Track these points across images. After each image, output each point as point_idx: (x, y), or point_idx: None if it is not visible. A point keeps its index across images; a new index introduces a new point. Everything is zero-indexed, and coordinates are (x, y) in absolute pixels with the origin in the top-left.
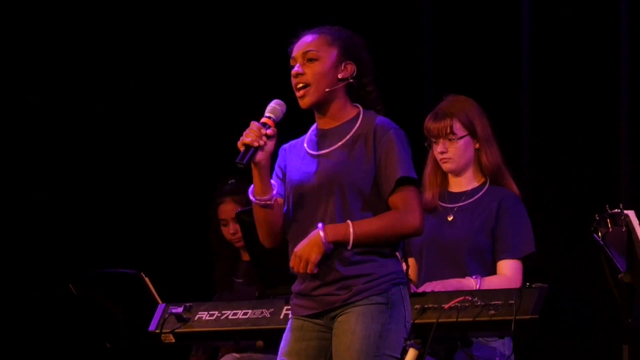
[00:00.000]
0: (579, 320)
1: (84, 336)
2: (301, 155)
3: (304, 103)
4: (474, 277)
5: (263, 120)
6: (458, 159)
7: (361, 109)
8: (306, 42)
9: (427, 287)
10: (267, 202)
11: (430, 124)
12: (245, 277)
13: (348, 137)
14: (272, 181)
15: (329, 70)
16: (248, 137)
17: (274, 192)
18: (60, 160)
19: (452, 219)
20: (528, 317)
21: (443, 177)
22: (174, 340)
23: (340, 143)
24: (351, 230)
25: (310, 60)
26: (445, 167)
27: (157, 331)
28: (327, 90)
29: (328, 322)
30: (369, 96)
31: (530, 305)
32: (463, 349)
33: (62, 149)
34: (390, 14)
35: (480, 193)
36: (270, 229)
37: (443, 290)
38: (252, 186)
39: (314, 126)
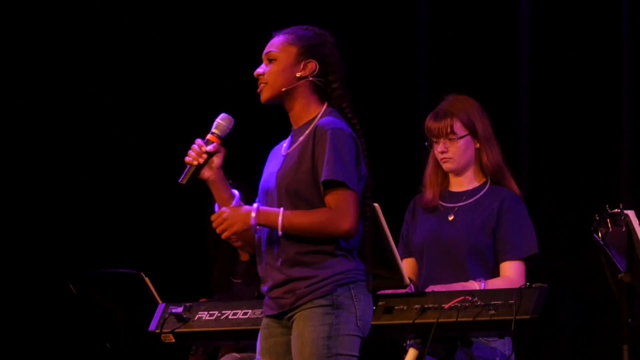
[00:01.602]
0: (579, 320)
1: (84, 336)
2: (276, 154)
3: (261, 99)
4: (477, 280)
5: (208, 136)
6: (459, 159)
7: (325, 107)
8: (269, 43)
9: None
10: None
11: (430, 123)
12: (243, 277)
13: (302, 137)
14: (233, 191)
15: (285, 68)
16: (188, 156)
17: (234, 203)
18: (60, 161)
19: (452, 219)
20: (528, 317)
21: (444, 176)
22: (174, 340)
23: (296, 144)
24: (280, 217)
25: (270, 60)
26: (446, 166)
27: (157, 331)
28: (283, 89)
29: (285, 323)
30: (334, 93)
31: (530, 305)
32: (463, 349)
33: (62, 149)
34: (386, 13)
35: (481, 193)
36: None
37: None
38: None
39: None
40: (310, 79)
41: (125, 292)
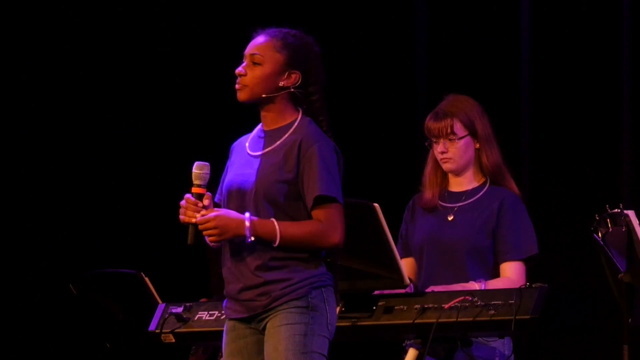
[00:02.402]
0: (579, 320)
1: (84, 336)
2: (242, 154)
3: (238, 97)
4: (477, 281)
5: (196, 190)
6: (458, 159)
7: (300, 114)
8: (256, 43)
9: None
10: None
11: (430, 123)
12: None
13: (279, 142)
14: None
15: (269, 76)
16: (186, 215)
17: (208, 204)
18: (60, 161)
19: (452, 219)
20: (528, 317)
21: (443, 176)
22: (174, 340)
23: (270, 148)
24: (277, 228)
25: (255, 63)
26: (446, 167)
27: (157, 331)
28: (263, 95)
29: (256, 325)
30: (312, 105)
31: (530, 305)
32: (463, 349)
33: (62, 149)
34: (385, 12)
35: (481, 193)
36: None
37: None
38: None
39: (260, 124)
40: (292, 89)
41: (125, 292)
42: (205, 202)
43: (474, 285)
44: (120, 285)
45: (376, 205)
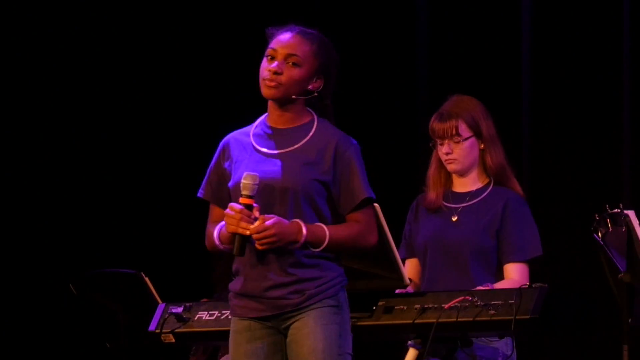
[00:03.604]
0: (579, 320)
1: (84, 336)
2: (248, 151)
3: (269, 93)
4: (484, 285)
5: (246, 201)
6: (463, 160)
7: (314, 115)
8: (292, 43)
9: None
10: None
11: (435, 124)
12: None
13: (303, 142)
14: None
15: (304, 79)
16: (239, 227)
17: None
18: (60, 161)
19: (456, 220)
20: (528, 317)
21: (447, 177)
22: (174, 340)
23: (295, 146)
24: (327, 234)
25: (294, 64)
26: (451, 168)
27: (157, 331)
28: (293, 96)
29: (277, 324)
30: (325, 109)
31: (530, 305)
32: (463, 349)
33: (62, 149)
34: (385, 12)
35: (485, 194)
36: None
37: None
38: (218, 231)
39: (261, 120)
40: (315, 94)
41: (125, 292)
42: (256, 213)
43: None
44: (120, 285)
45: (376, 205)
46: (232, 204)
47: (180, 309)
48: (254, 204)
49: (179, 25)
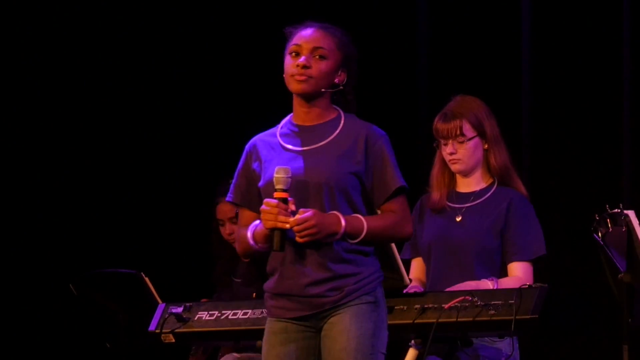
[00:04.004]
0: (579, 320)
1: (84, 336)
2: (277, 150)
3: (300, 87)
4: (490, 279)
5: (281, 195)
6: (467, 160)
7: (340, 111)
8: (316, 37)
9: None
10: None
11: (439, 124)
12: (243, 277)
13: (333, 136)
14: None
15: (332, 72)
16: (277, 221)
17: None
18: (60, 161)
19: (460, 220)
20: (528, 317)
21: (451, 177)
22: (174, 340)
23: (326, 141)
24: (365, 224)
25: (321, 57)
26: (455, 168)
27: (157, 331)
28: (323, 89)
29: (314, 323)
30: (348, 104)
31: (530, 305)
32: (464, 349)
33: (62, 149)
34: (386, 12)
35: (489, 194)
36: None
37: None
38: (252, 231)
39: (286, 120)
40: (340, 88)
41: (125, 292)
42: (292, 206)
43: (487, 283)
44: (120, 285)
45: None
46: (267, 200)
47: (180, 309)
48: (289, 198)
49: (179, 25)
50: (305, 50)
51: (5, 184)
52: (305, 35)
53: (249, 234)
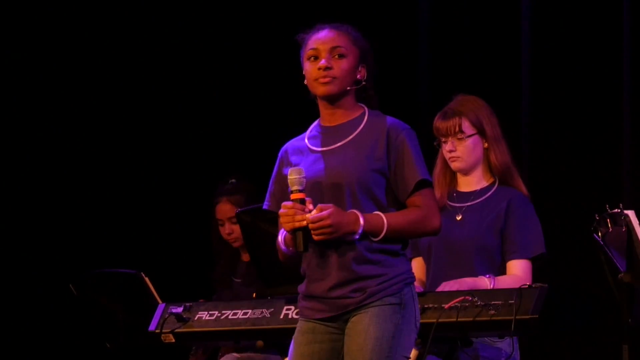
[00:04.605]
0: (579, 320)
1: (84, 336)
2: (305, 153)
3: (327, 90)
4: (487, 276)
5: (298, 196)
6: (467, 158)
7: (366, 108)
8: (332, 37)
9: (445, 286)
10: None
11: (439, 122)
12: (243, 277)
13: (355, 134)
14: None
15: (353, 69)
16: (295, 221)
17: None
18: (60, 161)
19: (460, 219)
20: (528, 317)
21: (452, 176)
22: (174, 340)
23: (347, 139)
24: (385, 222)
25: (340, 56)
26: (454, 165)
27: (157, 331)
28: (348, 87)
29: (341, 325)
30: (371, 100)
31: (530, 305)
32: (464, 350)
33: (62, 149)
34: (386, 12)
35: (489, 193)
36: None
37: (458, 289)
38: (282, 236)
39: (315, 124)
40: (363, 83)
41: (125, 292)
42: (310, 206)
43: (484, 280)
44: (120, 285)
45: None
46: (284, 203)
47: (180, 309)
48: (306, 198)
49: (179, 25)
50: (323, 52)
51: (6, 184)
52: (321, 37)
53: (279, 239)
